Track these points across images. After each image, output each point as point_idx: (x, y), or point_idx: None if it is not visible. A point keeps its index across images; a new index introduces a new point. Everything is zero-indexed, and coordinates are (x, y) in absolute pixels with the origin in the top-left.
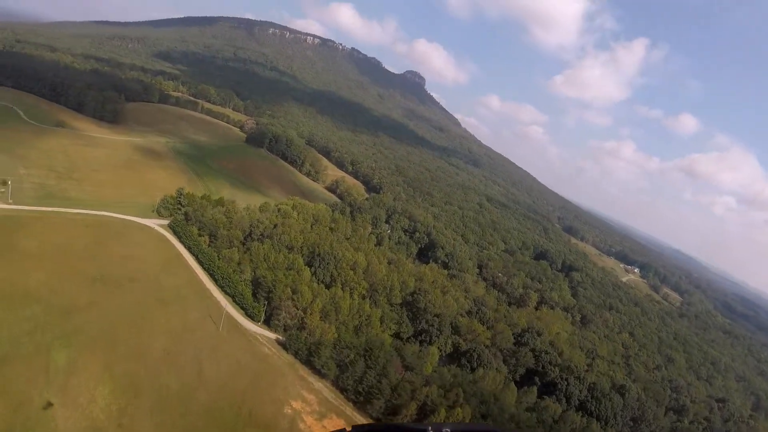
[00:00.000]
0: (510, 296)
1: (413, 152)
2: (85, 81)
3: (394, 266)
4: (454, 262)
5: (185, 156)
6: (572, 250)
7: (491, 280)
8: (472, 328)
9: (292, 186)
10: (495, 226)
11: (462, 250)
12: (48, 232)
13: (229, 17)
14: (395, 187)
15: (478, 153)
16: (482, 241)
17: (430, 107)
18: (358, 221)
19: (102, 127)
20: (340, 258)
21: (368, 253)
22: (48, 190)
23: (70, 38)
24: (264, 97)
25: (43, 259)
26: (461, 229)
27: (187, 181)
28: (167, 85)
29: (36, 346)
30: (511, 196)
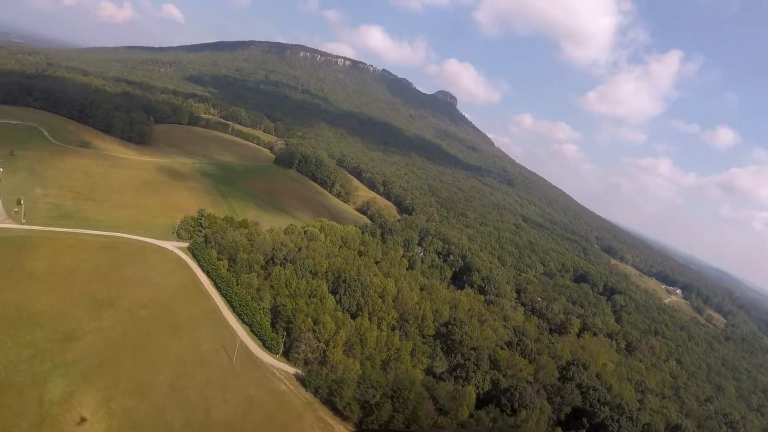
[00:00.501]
0: (550, 323)
1: (446, 172)
2: (114, 103)
3: (426, 293)
4: (491, 286)
5: (211, 177)
6: (613, 271)
7: (530, 305)
8: (513, 362)
9: (322, 207)
10: (533, 248)
11: (499, 273)
12: (59, 254)
13: (260, 41)
14: (428, 207)
15: (512, 172)
16: (520, 264)
17: (462, 127)
18: (389, 244)
19: (129, 148)
20: (368, 284)
21: (399, 278)
22: (64, 211)
23: (104, 62)
24: (295, 119)
25: (51, 282)
26: (497, 251)
27: (211, 202)
28: (198, 107)
29: (32, 374)
30: (547, 215)
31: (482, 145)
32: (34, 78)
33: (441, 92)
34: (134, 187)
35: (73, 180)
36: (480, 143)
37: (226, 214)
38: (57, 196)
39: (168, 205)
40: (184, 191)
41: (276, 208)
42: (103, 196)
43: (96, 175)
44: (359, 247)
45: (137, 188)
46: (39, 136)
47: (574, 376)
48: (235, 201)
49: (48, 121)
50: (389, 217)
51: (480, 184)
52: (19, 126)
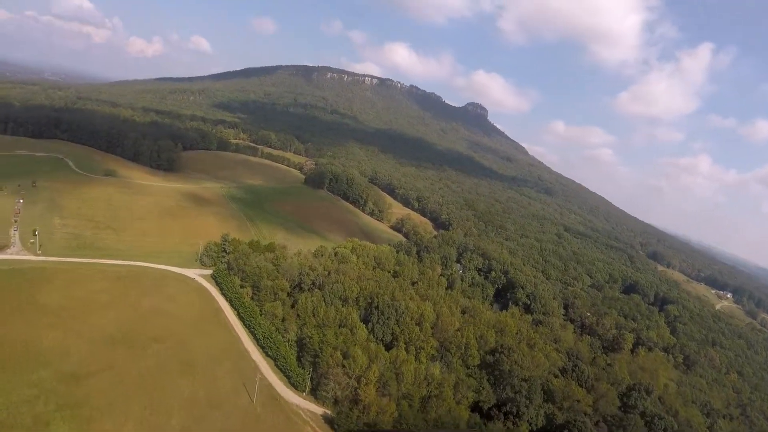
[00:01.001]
0: (602, 339)
1: (481, 184)
2: (142, 132)
3: (469, 316)
4: (537, 303)
5: (239, 201)
6: (662, 279)
7: (579, 321)
8: (569, 393)
9: (354, 226)
10: (578, 259)
11: (544, 288)
12: (73, 286)
13: (287, 65)
14: (465, 222)
15: (549, 180)
16: (565, 277)
17: (494, 138)
18: (425, 262)
19: (155, 176)
20: (403, 310)
21: (438, 301)
22: (82, 240)
23: (133, 94)
24: (325, 140)
25: (63, 316)
26: (541, 264)
27: (237, 226)
28: (227, 132)
29: (35, 417)
30: (589, 223)
31: (516, 155)
32: (63, 111)
33: (471, 104)
34: (157, 214)
35: (94, 209)
36: (514, 153)
37: (252, 238)
38: (76, 226)
39: (192, 232)
40: (209, 216)
41: (306, 229)
42: (124, 225)
43: (118, 203)
44: (394, 267)
45: (160, 215)
46: (64, 167)
47: (637, 403)
48: (262, 224)
49: (74, 152)
50: (425, 233)
51: (517, 194)
52: (44, 158)
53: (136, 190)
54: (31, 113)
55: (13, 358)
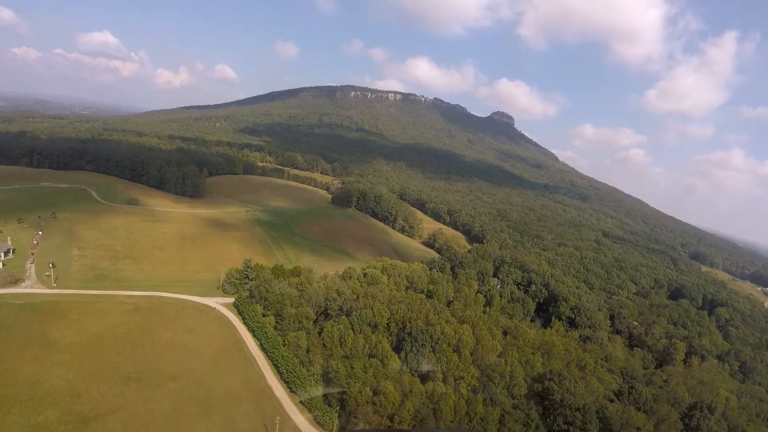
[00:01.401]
0: (652, 350)
1: (513, 194)
2: (167, 159)
3: (511, 338)
4: (582, 316)
5: (264, 224)
6: (708, 280)
7: (626, 332)
8: (628, 420)
9: (384, 244)
10: (620, 265)
11: (589, 300)
12: (87, 320)
13: (310, 87)
14: (499, 233)
15: (581, 185)
16: (609, 285)
17: (523, 145)
18: (461, 279)
19: (180, 202)
20: (439, 337)
21: (477, 322)
22: (100, 272)
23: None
24: (351, 158)
25: (74, 353)
26: (582, 273)
27: (262, 250)
28: (254, 156)
29: None
30: (627, 227)
31: (546, 162)
32: (88, 142)
33: (497, 113)
34: (179, 242)
35: (113, 238)
36: (544, 160)
37: (277, 262)
38: (94, 257)
39: (214, 258)
40: (232, 242)
41: (334, 250)
42: (144, 254)
43: (138, 232)
44: (428, 286)
45: (182, 242)
46: (86, 197)
47: (701, 424)
48: (288, 247)
49: (98, 182)
50: (458, 248)
51: (551, 202)
52: (67, 189)
53: (158, 217)
54: (56, 146)
55: (18, 397)
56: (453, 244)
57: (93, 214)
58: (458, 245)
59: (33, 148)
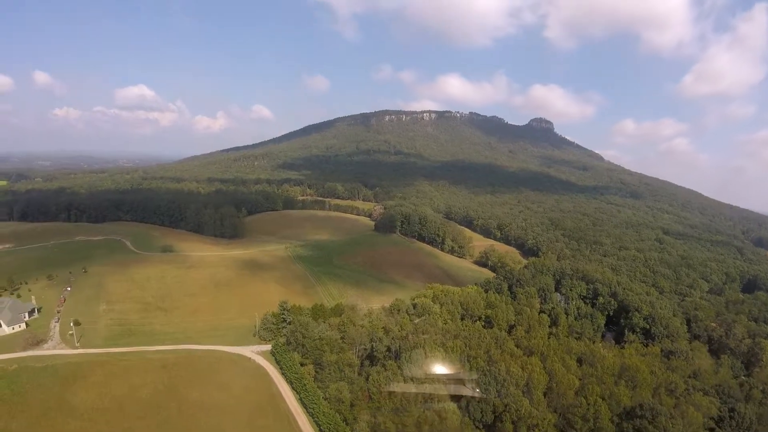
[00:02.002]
0: (735, 353)
1: (563, 200)
2: (203, 202)
3: (588, 366)
4: (658, 326)
5: (305, 260)
6: None
7: (705, 336)
8: None
9: (434, 268)
10: (687, 263)
11: (662, 306)
12: (110, 381)
13: (345, 116)
14: (554, 243)
15: (631, 183)
16: (679, 287)
17: (565, 149)
18: (520, 299)
19: (217, 245)
20: (504, 378)
21: (545, 352)
22: (127, 327)
23: (199, 167)
24: (392, 182)
25: (94, 420)
26: (649, 277)
27: (302, 289)
28: (294, 190)
29: None
30: (685, 221)
31: (592, 163)
32: (127, 193)
33: (534, 120)
34: (213, 287)
35: (144, 289)
36: (589, 161)
37: (318, 300)
38: (122, 311)
39: (250, 302)
40: (270, 282)
41: (380, 280)
42: (176, 303)
43: (171, 280)
44: (485, 311)
45: (216, 288)
46: (120, 248)
47: None
48: (331, 282)
49: (134, 231)
50: (513, 264)
51: (603, 203)
52: (102, 241)
53: (192, 263)
54: (93, 199)
55: None
56: (507, 260)
57: (125, 265)
58: (513, 261)
59: (71, 203)
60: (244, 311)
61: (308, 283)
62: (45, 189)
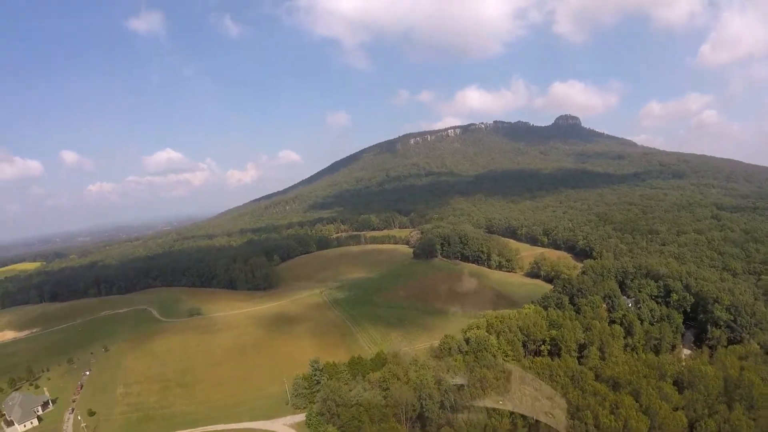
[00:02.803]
0: None
1: (605, 193)
2: (233, 256)
3: (690, 390)
4: (744, 316)
5: (342, 304)
6: None
7: None
8: None
9: (483, 289)
10: (753, 237)
11: (741, 291)
12: None
13: (370, 146)
14: (607, 240)
15: (670, 163)
16: (751, 265)
17: (596, 141)
18: (586, 311)
19: (249, 299)
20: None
21: (637, 384)
22: (145, 411)
23: (231, 221)
24: (426, 204)
25: None
26: (717, 259)
27: (339, 339)
28: (328, 229)
29: None
30: (734, 192)
31: (626, 150)
32: (156, 258)
33: (560, 117)
34: (238, 352)
35: (165, 364)
36: (623, 149)
37: (357, 349)
38: (141, 392)
39: (282, 364)
40: (303, 337)
41: (426, 312)
42: (198, 376)
43: (194, 349)
44: (549, 333)
45: (242, 352)
46: (146, 319)
47: None
48: (371, 325)
49: (161, 298)
50: (567, 270)
51: (647, 189)
52: (127, 313)
53: (219, 325)
54: (122, 270)
55: None
56: (561, 267)
57: (147, 338)
58: (567, 267)
59: (99, 277)
60: (275, 376)
61: (346, 330)
62: (77, 266)
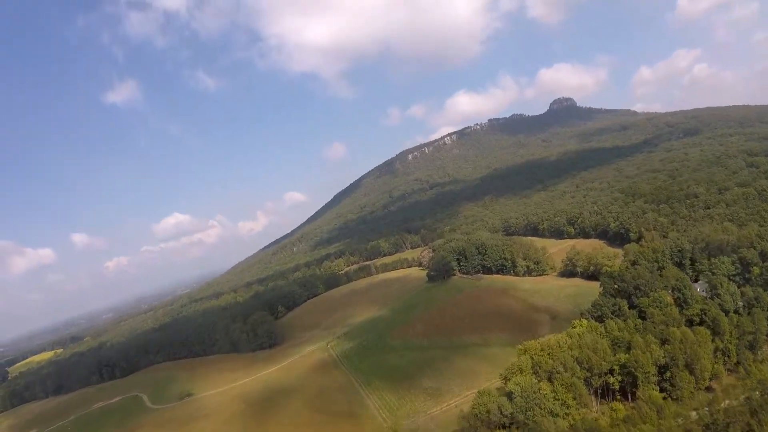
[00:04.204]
0: None
1: (622, 166)
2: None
3: None
4: None
5: (350, 356)
6: None
7: None
8: None
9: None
10: None
11: None
12: None
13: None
14: (642, 216)
15: (677, 122)
16: None
17: (596, 118)
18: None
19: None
20: None
21: None
22: None
23: (240, 273)
24: (436, 217)
25: None
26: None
27: (346, 406)
28: (337, 264)
29: None
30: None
31: (629, 120)
32: (157, 330)
33: (554, 102)
34: None
35: None
36: (624, 119)
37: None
38: None
39: None
40: (302, 413)
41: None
42: None
43: None
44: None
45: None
46: (135, 408)
47: None
48: (383, 382)
49: (157, 378)
50: (608, 261)
51: (664, 152)
52: (118, 403)
53: (205, 411)
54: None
55: None
56: (599, 259)
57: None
58: (606, 257)
59: (102, 361)
60: None
61: (353, 395)
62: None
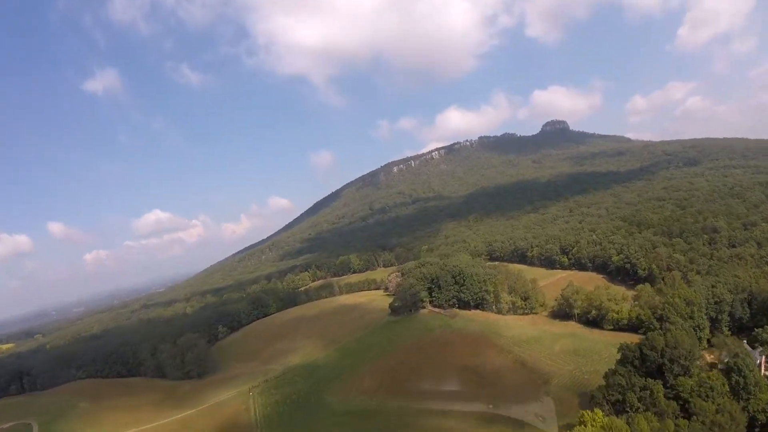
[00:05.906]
0: None
1: (620, 192)
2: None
3: None
4: None
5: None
6: None
7: None
8: None
9: (497, 358)
10: None
11: None
12: None
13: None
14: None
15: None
16: None
17: (589, 142)
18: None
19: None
20: None
21: None
22: None
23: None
24: (414, 235)
25: None
26: None
27: None
28: (301, 278)
29: None
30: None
31: (623, 146)
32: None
33: (547, 124)
34: None
35: None
36: (619, 145)
37: None
38: None
39: None
40: None
41: (403, 416)
42: None
43: None
44: None
45: None
46: None
47: None
48: None
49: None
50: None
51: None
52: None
53: None
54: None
55: None
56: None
57: None
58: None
59: (22, 370)
60: None
61: None
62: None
